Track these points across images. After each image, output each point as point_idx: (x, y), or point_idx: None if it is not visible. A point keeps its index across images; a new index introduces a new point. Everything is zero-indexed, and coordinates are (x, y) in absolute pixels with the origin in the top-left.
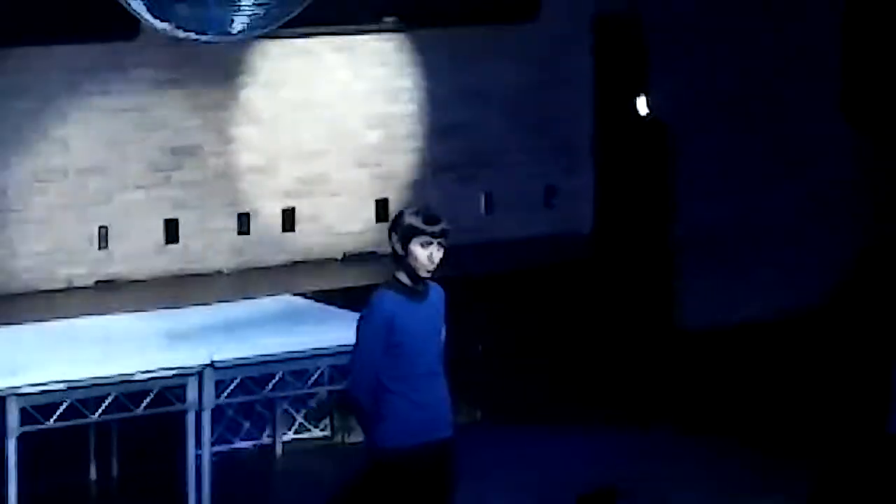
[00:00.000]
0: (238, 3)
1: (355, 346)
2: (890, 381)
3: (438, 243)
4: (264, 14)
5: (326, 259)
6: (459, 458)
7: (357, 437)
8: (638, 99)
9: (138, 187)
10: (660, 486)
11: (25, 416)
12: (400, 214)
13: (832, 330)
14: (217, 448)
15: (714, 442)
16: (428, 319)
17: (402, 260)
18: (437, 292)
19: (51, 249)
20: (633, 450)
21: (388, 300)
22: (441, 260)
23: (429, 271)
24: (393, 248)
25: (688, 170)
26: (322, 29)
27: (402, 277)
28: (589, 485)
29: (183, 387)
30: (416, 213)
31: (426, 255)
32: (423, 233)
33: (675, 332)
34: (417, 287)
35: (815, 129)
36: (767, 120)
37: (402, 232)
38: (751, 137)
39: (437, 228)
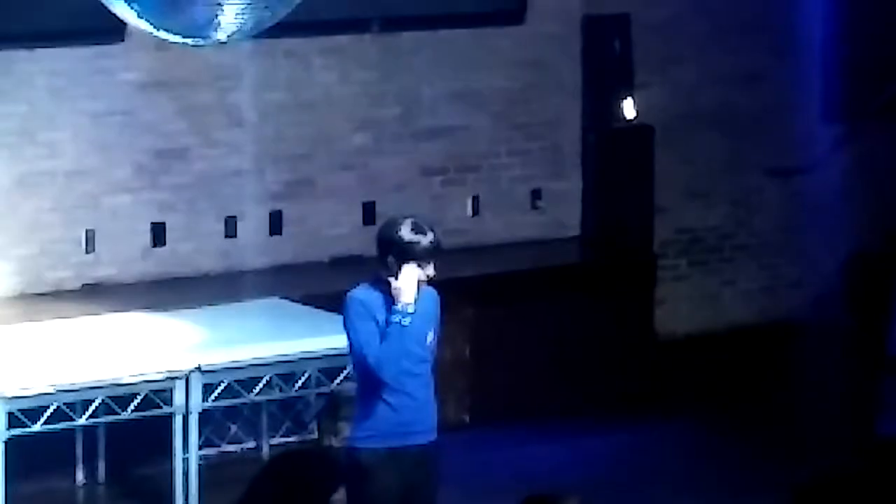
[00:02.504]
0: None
1: (349, 343)
2: (875, 386)
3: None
4: (250, 18)
5: (313, 262)
6: (445, 462)
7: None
8: (625, 102)
9: (125, 191)
10: (648, 487)
11: (12, 420)
12: (395, 230)
13: (817, 336)
14: (204, 452)
15: (701, 444)
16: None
17: (393, 272)
18: (430, 296)
19: (38, 253)
20: (621, 452)
21: (362, 291)
22: None
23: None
24: (385, 261)
25: (675, 174)
26: (309, 32)
27: (390, 280)
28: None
29: (170, 390)
30: (416, 232)
31: (424, 274)
32: (423, 257)
33: (658, 336)
34: None
35: (803, 135)
36: (754, 125)
37: (400, 253)
38: (738, 142)
39: (437, 250)
